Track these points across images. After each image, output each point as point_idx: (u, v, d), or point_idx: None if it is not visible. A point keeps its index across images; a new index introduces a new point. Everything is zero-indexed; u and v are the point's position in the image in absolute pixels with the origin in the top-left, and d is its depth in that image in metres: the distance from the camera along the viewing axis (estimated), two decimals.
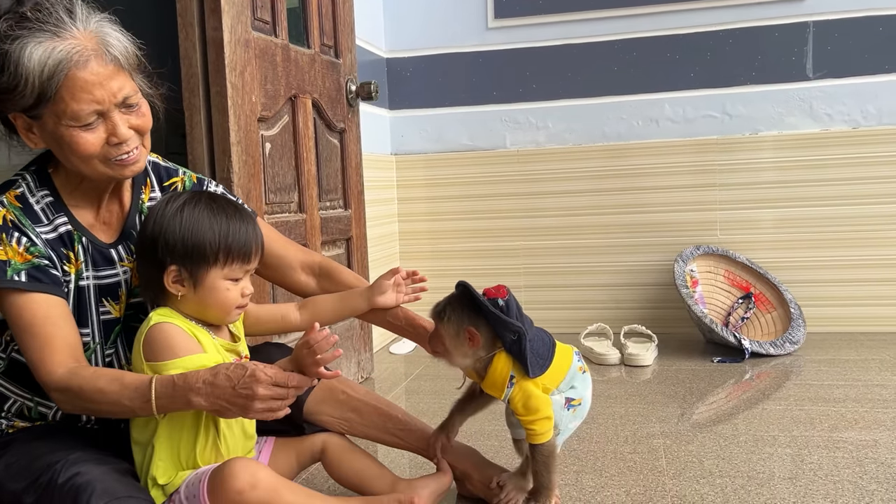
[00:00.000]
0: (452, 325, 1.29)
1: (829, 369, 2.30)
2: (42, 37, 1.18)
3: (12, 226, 1.23)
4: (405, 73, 3.05)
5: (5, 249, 1.21)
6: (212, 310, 1.27)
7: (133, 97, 1.24)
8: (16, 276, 1.20)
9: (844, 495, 1.40)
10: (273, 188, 1.93)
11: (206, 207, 1.28)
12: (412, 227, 3.07)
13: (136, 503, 1.14)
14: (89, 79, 1.18)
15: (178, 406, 1.15)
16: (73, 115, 1.19)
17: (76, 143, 1.21)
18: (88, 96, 1.18)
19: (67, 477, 1.16)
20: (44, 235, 1.26)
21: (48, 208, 1.29)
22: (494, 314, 1.26)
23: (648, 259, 2.88)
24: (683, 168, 2.83)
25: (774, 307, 2.67)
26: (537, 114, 2.95)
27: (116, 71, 1.22)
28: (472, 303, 1.29)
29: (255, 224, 1.32)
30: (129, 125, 1.24)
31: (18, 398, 1.34)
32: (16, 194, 1.27)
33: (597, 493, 1.45)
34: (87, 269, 1.31)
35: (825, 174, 2.73)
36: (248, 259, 1.29)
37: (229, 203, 1.32)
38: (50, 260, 1.25)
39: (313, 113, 2.14)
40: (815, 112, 2.74)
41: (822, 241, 2.75)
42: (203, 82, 1.74)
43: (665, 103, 2.84)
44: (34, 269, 1.22)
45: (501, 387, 1.29)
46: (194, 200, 1.29)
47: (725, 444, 1.70)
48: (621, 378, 2.32)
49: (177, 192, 1.34)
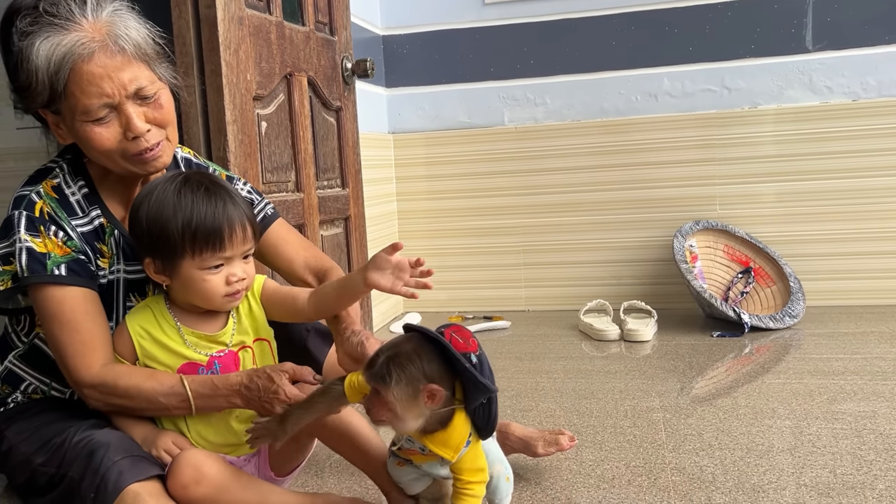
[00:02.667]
0: (405, 386, 1.02)
1: (828, 342, 2.30)
2: (50, 31, 1.17)
3: (49, 219, 1.22)
4: (401, 51, 3.03)
5: (45, 242, 1.20)
6: (197, 300, 1.23)
7: (147, 88, 1.21)
8: (56, 270, 1.19)
9: (843, 465, 1.41)
10: (270, 167, 1.92)
11: (173, 192, 1.19)
12: (410, 206, 3.07)
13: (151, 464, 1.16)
14: (96, 71, 1.16)
15: (215, 405, 1.19)
16: (84, 109, 1.17)
17: (91, 139, 1.19)
18: (96, 89, 1.16)
19: (82, 437, 1.18)
20: (79, 229, 1.25)
21: (83, 200, 1.28)
22: (469, 374, 1.03)
23: (648, 235, 2.88)
24: (683, 143, 2.82)
25: (774, 281, 2.67)
26: (535, 90, 2.93)
27: (127, 62, 1.18)
28: (424, 352, 1.04)
29: (230, 204, 1.20)
30: (146, 118, 1.21)
31: (34, 381, 1.35)
32: (52, 185, 1.26)
33: (597, 467, 1.46)
34: (118, 263, 1.31)
35: (825, 147, 2.72)
36: (217, 247, 1.18)
37: (202, 183, 1.21)
38: (85, 255, 1.24)
39: (309, 91, 2.12)
40: (815, 85, 2.72)
41: (822, 214, 2.75)
42: (197, 61, 1.72)
43: (664, 78, 2.82)
44: (73, 262, 1.21)
45: (457, 447, 1.08)
46: (165, 185, 1.20)
47: (725, 416, 1.71)
48: (621, 354, 2.33)
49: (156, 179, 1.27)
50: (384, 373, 1.01)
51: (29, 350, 1.34)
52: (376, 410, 1.04)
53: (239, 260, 1.23)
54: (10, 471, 1.30)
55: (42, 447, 1.22)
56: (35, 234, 1.20)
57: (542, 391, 1.96)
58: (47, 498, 1.21)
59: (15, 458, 1.26)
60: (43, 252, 1.19)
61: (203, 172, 1.26)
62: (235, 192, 1.24)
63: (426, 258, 1.26)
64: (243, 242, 1.21)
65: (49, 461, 1.19)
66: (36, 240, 1.20)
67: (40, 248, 1.19)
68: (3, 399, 1.35)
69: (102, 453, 1.13)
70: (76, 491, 1.13)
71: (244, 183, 1.48)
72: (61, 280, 1.19)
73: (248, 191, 1.47)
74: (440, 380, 1.03)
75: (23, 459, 1.24)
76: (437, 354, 1.04)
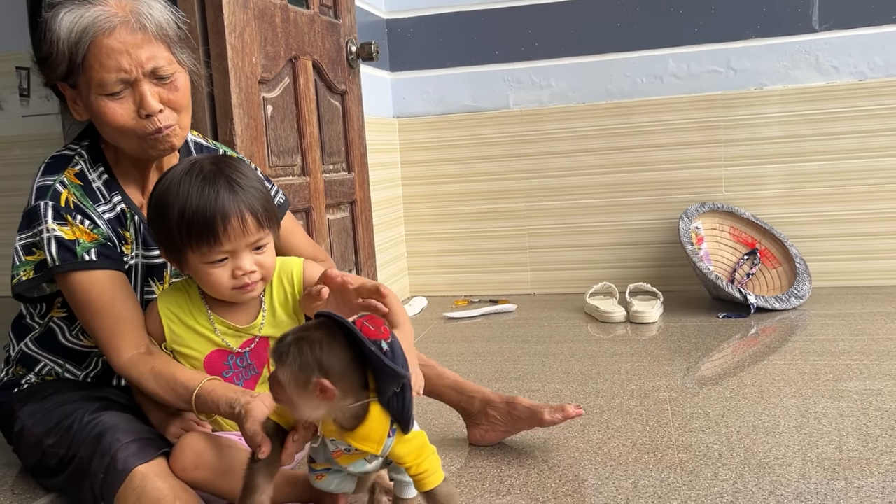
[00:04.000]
0: (297, 372, 0.93)
1: (834, 323, 2.30)
2: (76, 4, 1.18)
3: (75, 208, 1.22)
4: (406, 34, 3.02)
5: (73, 229, 1.21)
6: (208, 291, 1.21)
7: (165, 69, 1.21)
8: (86, 256, 1.20)
9: (849, 442, 1.42)
10: (276, 151, 1.93)
11: (177, 180, 1.15)
12: (416, 190, 3.07)
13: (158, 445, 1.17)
14: (115, 46, 1.17)
15: (210, 410, 1.16)
16: (100, 82, 1.18)
17: (105, 114, 1.20)
18: (114, 63, 1.17)
19: (90, 419, 1.20)
20: (105, 216, 1.27)
21: (104, 187, 1.29)
22: (378, 361, 0.94)
23: (653, 217, 2.88)
24: (688, 125, 2.81)
25: (780, 263, 2.67)
26: (540, 72, 2.93)
27: (147, 40, 1.19)
28: (333, 342, 0.96)
29: (228, 193, 1.13)
30: (161, 98, 1.21)
31: (49, 363, 1.36)
32: (75, 172, 1.27)
33: (603, 445, 1.47)
34: (137, 248, 1.32)
35: (831, 128, 2.71)
36: (212, 241, 1.12)
37: (203, 171, 1.15)
38: (111, 241, 1.25)
39: (314, 75, 2.12)
40: (822, 65, 2.70)
41: (828, 195, 2.74)
42: (203, 44, 1.73)
43: (669, 59, 2.81)
44: (101, 246, 1.23)
45: (380, 440, 0.99)
46: (174, 171, 1.17)
47: (731, 396, 1.71)
48: (627, 336, 2.34)
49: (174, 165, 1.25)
50: (283, 351, 0.94)
51: (44, 332, 1.35)
52: (273, 388, 0.98)
53: (246, 251, 1.16)
54: (23, 451, 1.32)
55: (53, 429, 1.23)
56: (63, 222, 1.21)
57: (548, 373, 1.97)
58: (58, 478, 1.23)
59: (27, 439, 1.28)
60: (72, 239, 1.20)
61: (214, 157, 1.22)
62: (244, 178, 1.17)
63: (431, 242, 1.34)
64: (244, 234, 1.14)
65: (59, 442, 1.21)
66: (64, 228, 1.20)
67: (69, 236, 1.20)
68: (18, 380, 1.37)
69: (111, 436, 1.15)
70: (86, 471, 1.15)
71: (255, 167, 1.48)
72: (92, 265, 1.20)
73: (259, 178, 1.47)
74: (343, 374, 0.94)
75: (34, 441, 1.25)
76: (349, 345, 0.96)
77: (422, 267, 3.10)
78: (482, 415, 1.48)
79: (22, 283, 1.24)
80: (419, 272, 3.11)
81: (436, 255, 3.08)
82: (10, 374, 1.39)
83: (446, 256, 3.07)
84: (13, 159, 3.54)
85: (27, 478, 1.37)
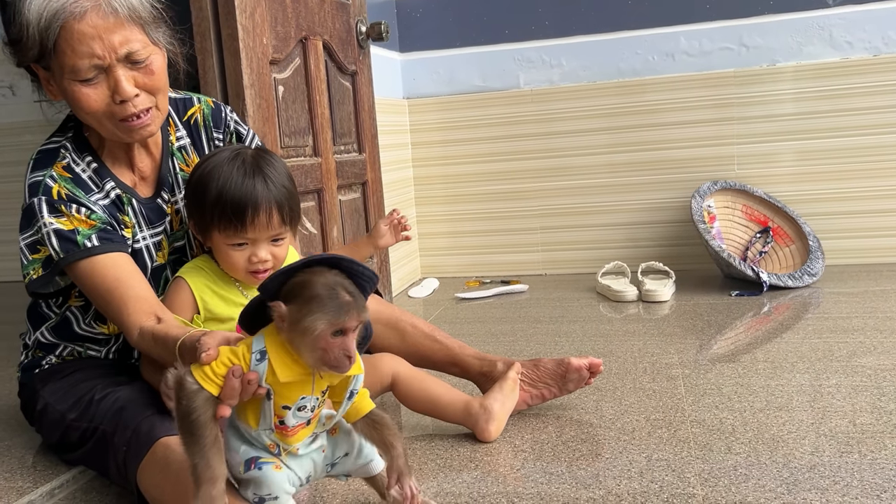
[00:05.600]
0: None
1: (847, 300, 2.29)
2: None
3: (67, 199, 1.22)
4: (415, 14, 3.01)
5: (70, 220, 1.21)
6: (224, 267, 1.27)
7: (140, 52, 1.19)
8: (87, 242, 1.20)
9: (862, 416, 1.42)
10: (287, 132, 1.93)
11: (217, 167, 1.23)
12: (426, 171, 3.07)
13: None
14: (86, 31, 1.15)
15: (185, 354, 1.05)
16: (73, 68, 1.17)
17: (79, 99, 1.19)
18: (86, 49, 1.15)
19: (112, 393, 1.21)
20: (100, 202, 1.26)
21: (95, 175, 1.28)
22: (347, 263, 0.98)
23: (665, 196, 2.87)
24: (700, 102, 2.79)
25: (793, 240, 2.66)
26: (551, 51, 2.91)
27: (119, 24, 1.17)
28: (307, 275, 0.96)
29: (264, 186, 1.21)
30: (136, 83, 1.20)
31: (68, 345, 1.38)
32: (62, 165, 1.26)
33: (616, 420, 1.48)
34: (143, 230, 1.32)
35: (845, 104, 2.68)
36: (238, 227, 1.21)
37: (247, 160, 1.24)
38: (110, 225, 1.25)
39: (324, 55, 2.12)
40: (835, 40, 2.68)
41: (841, 172, 2.72)
42: (214, 25, 1.73)
43: (681, 36, 2.79)
44: (101, 231, 1.23)
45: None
46: (215, 160, 1.24)
47: (744, 372, 1.72)
48: (639, 315, 2.34)
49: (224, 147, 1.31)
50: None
51: (60, 322, 1.37)
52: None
53: (265, 242, 1.25)
54: (45, 429, 1.34)
55: (75, 404, 1.25)
56: (59, 214, 1.21)
57: (561, 352, 1.98)
58: (80, 451, 1.25)
59: (50, 416, 1.30)
60: (70, 229, 1.20)
61: (256, 151, 1.28)
62: (277, 177, 1.24)
63: (443, 224, 1.47)
64: (267, 227, 1.23)
65: (81, 416, 1.23)
66: (61, 219, 1.20)
67: (67, 227, 1.20)
68: (38, 361, 1.39)
69: (133, 409, 1.17)
70: (108, 444, 1.16)
71: (230, 111, 1.47)
72: (95, 250, 1.20)
73: (235, 121, 1.47)
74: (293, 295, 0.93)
75: (57, 417, 1.27)
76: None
77: (433, 248, 3.11)
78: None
79: (34, 282, 1.25)
80: (430, 253, 3.11)
81: (447, 237, 3.08)
82: (30, 357, 1.40)
83: (457, 237, 3.08)
84: (25, 145, 3.56)
85: (48, 455, 1.39)
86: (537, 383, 1.51)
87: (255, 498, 0.99)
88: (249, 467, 0.99)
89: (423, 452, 1.38)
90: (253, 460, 0.99)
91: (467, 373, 1.57)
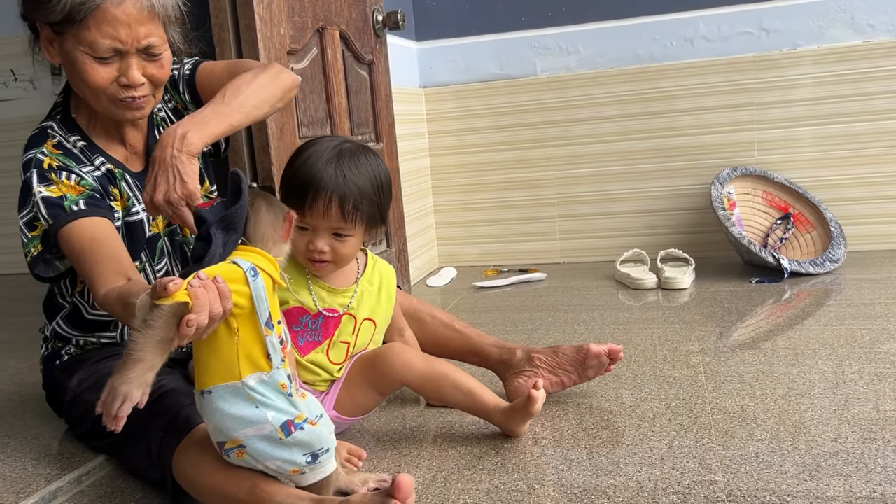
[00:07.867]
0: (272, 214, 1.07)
1: (870, 286, 2.27)
2: None
3: (58, 168, 1.25)
4: (431, 3, 3.00)
5: (58, 187, 1.23)
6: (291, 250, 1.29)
7: (158, 47, 1.24)
8: (74, 206, 1.22)
9: (886, 403, 1.41)
10: (306, 122, 1.94)
11: (317, 143, 1.30)
12: (443, 160, 3.07)
13: None
14: (120, 17, 1.19)
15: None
16: (92, 44, 1.19)
17: (86, 72, 1.22)
18: (112, 32, 1.19)
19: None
20: (91, 174, 1.29)
21: (85, 150, 1.31)
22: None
23: (684, 183, 2.85)
24: (719, 88, 2.77)
25: (814, 226, 2.63)
26: (567, 38, 2.89)
27: (150, 17, 1.22)
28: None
29: (342, 176, 1.25)
30: (145, 72, 1.25)
31: (81, 337, 1.40)
32: (53, 143, 1.29)
33: (637, 407, 1.48)
34: (139, 203, 1.35)
35: (867, 88, 2.64)
36: (299, 205, 1.24)
37: (336, 148, 1.29)
38: (99, 192, 1.28)
39: (341, 45, 2.12)
40: (857, 23, 2.64)
41: (863, 157, 2.68)
42: (231, 16, 1.73)
43: (699, 21, 2.76)
44: (89, 197, 1.25)
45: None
46: (320, 140, 1.31)
47: (765, 359, 1.71)
48: (658, 302, 2.33)
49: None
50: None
51: (72, 311, 1.38)
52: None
53: (326, 232, 1.27)
54: (75, 420, 1.36)
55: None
56: (48, 183, 1.23)
57: (580, 340, 1.98)
58: (110, 440, 1.26)
59: (79, 407, 1.32)
60: (58, 196, 1.22)
61: (357, 145, 1.33)
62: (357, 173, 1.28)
63: (460, 213, 1.46)
64: (325, 217, 1.25)
65: None
66: (50, 187, 1.23)
67: (55, 194, 1.22)
68: (58, 352, 1.41)
69: (173, 397, 1.19)
70: (142, 431, 1.18)
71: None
72: (80, 213, 1.21)
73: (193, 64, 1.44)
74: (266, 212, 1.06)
75: (88, 407, 1.28)
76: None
77: (451, 237, 3.11)
78: (525, 361, 1.52)
79: (35, 259, 1.26)
80: (448, 243, 3.12)
81: (464, 226, 3.08)
82: (50, 349, 1.42)
83: (475, 226, 3.08)
84: None
85: (75, 443, 1.41)
86: (556, 370, 1.51)
87: (308, 458, 1.01)
88: (289, 431, 0.99)
89: (444, 440, 1.39)
90: (290, 423, 1.00)
91: (486, 361, 1.57)
